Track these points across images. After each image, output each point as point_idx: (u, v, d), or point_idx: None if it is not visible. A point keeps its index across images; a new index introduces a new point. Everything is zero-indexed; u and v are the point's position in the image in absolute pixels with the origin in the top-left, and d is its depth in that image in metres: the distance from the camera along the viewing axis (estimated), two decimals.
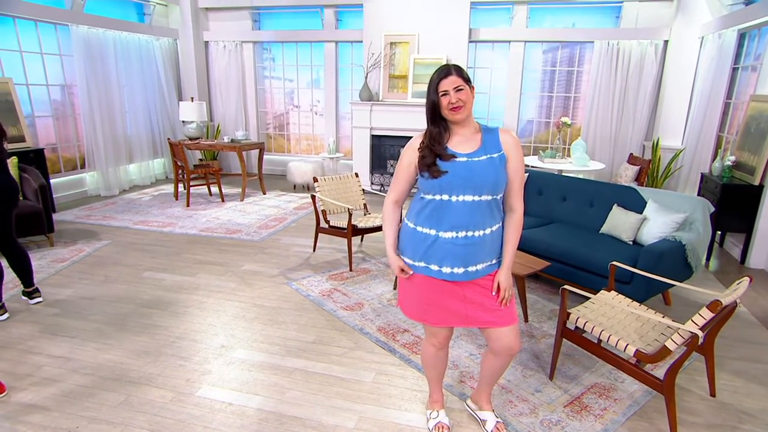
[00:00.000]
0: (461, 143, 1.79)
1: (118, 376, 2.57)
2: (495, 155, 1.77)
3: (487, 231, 1.80)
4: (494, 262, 1.88)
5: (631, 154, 5.77)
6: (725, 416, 2.37)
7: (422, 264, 1.85)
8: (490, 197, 1.77)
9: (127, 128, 7.02)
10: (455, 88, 1.73)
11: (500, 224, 1.86)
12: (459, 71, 1.75)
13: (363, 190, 4.76)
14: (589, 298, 2.71)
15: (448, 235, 1.78)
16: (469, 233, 1.77)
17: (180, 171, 6.35)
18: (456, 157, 1.75)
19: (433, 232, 1.81)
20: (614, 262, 2.80)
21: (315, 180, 4.46)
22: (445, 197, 1.76)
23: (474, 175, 1.73)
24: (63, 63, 6.16)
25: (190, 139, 6.57)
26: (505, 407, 2.36)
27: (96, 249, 4.50)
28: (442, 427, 2.16)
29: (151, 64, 7.31)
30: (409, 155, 1.84)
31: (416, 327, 3.13)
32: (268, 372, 2.61)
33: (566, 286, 2.50)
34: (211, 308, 3.35)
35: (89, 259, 4.24)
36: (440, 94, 1.74)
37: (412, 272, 1.88)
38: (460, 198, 1.75)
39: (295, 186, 7.38)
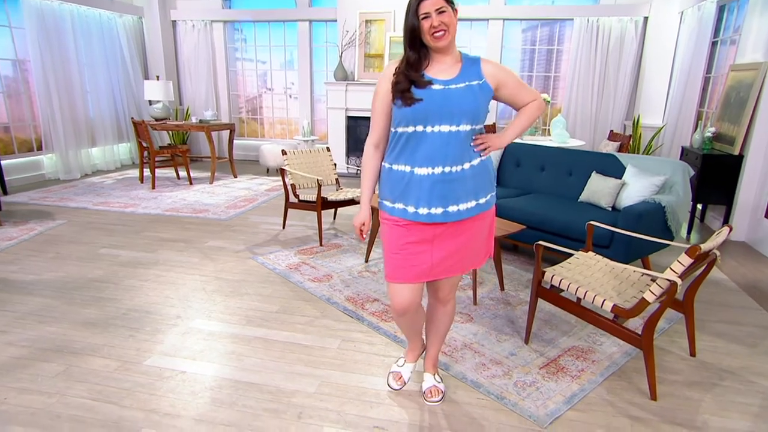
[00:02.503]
0: (440, 71, 1.67)
1: (59, 347, 2.40)
2: (474, 83, 1.66)
3: (467, 166, 1.68)
4: (480, 202, 1.74)
5: (612, 130, 5.75)
6: (706, 374, 2.32)
7: (400, 206, 1.73)
8: (468, 127, 1.65)
9: (88, 109, 6.76)
10: (437, 10, 1.59)
11: (482, 159, 1.74)
12: None
13: (335, 164, 4.64)
14: (566, 259, 2.63)
15: (424, 171, 1.66)
16: (447, 168, 1.65)
17: (145, 153, 6.13)
18: (432, 84, 1.63)
19: (408, 168, 1.68)
20: (592, 222, 2.73)
21: (284, 153, 4.32)
22: (420, 128, 1.64)
23: (450, 103, 1.61)
24: (14, 36, 5.88)
25: (156, 119, 6.35)
26: (478, 370, 2.28)
27: (49, 228, 4.29)
28: (397, 377, 2.11)
29: (114, 42, 7.06)
30: (385, 84, 1.70)
31: (386, 296, 3.03)
32: (226, 341, 2.50)
33: (541, 242, 2.41)
34: (169, 282, 3.21)
35: (40, 238, 4.04)
36: (420, 17, 1.61)
37: (365, 237, 1.80)
38: (436, 128, 1.63)
39: (268, 170, 7.22)
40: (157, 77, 6.49)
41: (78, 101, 6.46)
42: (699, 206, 4.82)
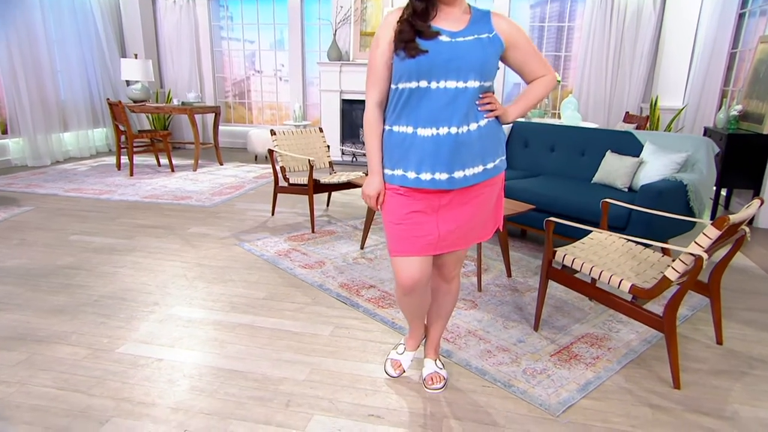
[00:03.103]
0: (448, 22, 1.62)
1: (22, 335, 2.36)
2: (484, 36, 1.62)
3: (473, 127, 1.63)
4: (488, 167, 1.69)
5: (627, 112, 5.72)
6: (734, 363, 2.29)
7: (399, 172, 1.69)
8: (477, 83, 1.60)
9: (59, 90, 6.70)
10: None
11: (490, 120, 1.69)
12: None
13: (328, 146, 4.60)
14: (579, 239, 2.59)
15: (427, 132, 1.61)
16: (453, 129, 1.60)
17: (122, 137, 6.08)
18: (440, 35, 1.59)
19: (410, 129, 1.64)
20: (607, 200, 2.70)
21: (273, 133, 4.28)
22: (423, 84, 1.59)
23: (458, 57, 1.57)
24: None
25: (135, 101, 6.30)
26: (483, 357, 2.24)
27: (14, 215, 4.24)
28: (396, 365, 2.09)
29: (88, 17, 7.00)
30: (386, 33, 1.64)
31: (383, 282, 3.01)
32: (208, 328, 2.46)
33: (552, 218, 2.37)
34: (146, 268, 3.17)
35: (4, 224, 3.99)
36: None
37: (379, 207, 1.77)
38: (441, 84, 1.58)
39: (256, 157, 7.17)
40: (135, 55, 6.43)
41: (47, 82, 6.39)
42: (723, 192, 4.79)
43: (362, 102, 6.84)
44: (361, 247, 3.59)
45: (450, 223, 1.73)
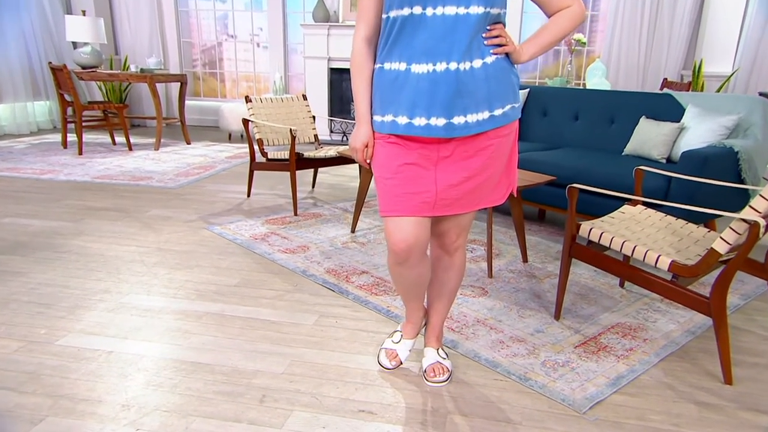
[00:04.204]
0: None
1: None
2: None
3: (478, 64, 1.58)
4: (496, 114, 1.64)
5: (665, 79, 5.70)
6: None
7: (389, 117, 1.65)
8: (482, 9, 1.56)
9: None
10: None
11: (500, 58, 1.65)
12: None
13: (313, 117, 4.56)
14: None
15: (423, 68, 1.57)
16: (453, 65, 1.56)
17: (69, 110, 6.02)
18: None
19: (402, 66, 1.60)
20: (641, 167, 2.66)
21: (247, 100, 4.23)
22: (418, 10, 1.55)
23: None
24: None
25: (84, 67, 6.24)
26: (494, 348, 2.22)
27: None
28: (392, 355, 2.06)
29: None
30: None
31: (378, 268, 2.99)
32: (168, 317, 2.43)
33: (575, 185, 2.34)
34: (96, 253, 3.13)
35: None
36: None
37: (368, 161, 1.76)
38: (438, 11, 1.54)
39: (230, 135, 7.14)
40: (83, 12, 6.37)
41: None
42: None
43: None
44: (352, 231, 3.56)
45: (450, 179, 1.68)
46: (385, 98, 1.66)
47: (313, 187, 4.72)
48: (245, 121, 4.11)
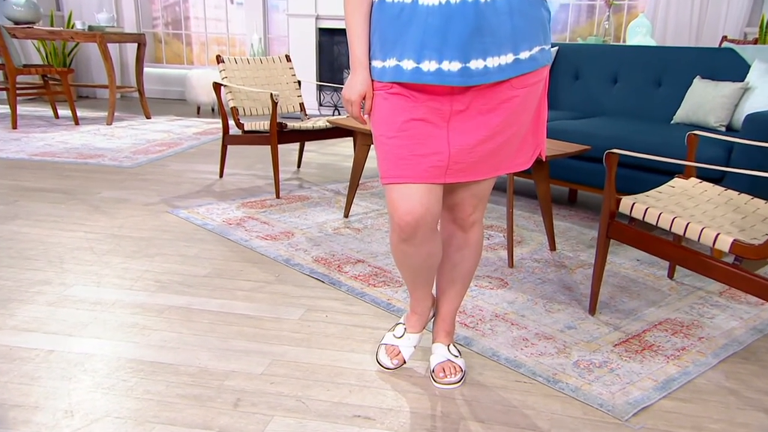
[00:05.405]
0: None
1: None
2: None
3: None
4: (522, 57, 1.60)
5: (725, 36, 5.68)
6: None
7: (392, 63, 1.61)
8: None
9: None
10: None
11: None
12: None
13: (298, 82, 4.54)
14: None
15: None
16: None
17: (0, 74, 6.01)
18: None
19: None
20: (695, 132, 2.63)
21: (219, 60, 4.21)
22: None
23: None
24: None
25: (16, 23, 6.20)
26: (516, 345, 2.22)
27: None
28: (393, 352, 2.05)
29: None
30: None
31: (376, 256, 3.01)
32: (123, 311, 2.44)
33: (615, 150, 2.31)
34: (34, 239, 3.16)
35: None
36: None
37: (366, 117, 1.73)
38: None
39: (199, 109, 7.13)
40: None
41: None
42: None
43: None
44: (345, 216, 3.56)
45: (466, 138, 1.65)
46: (387, 38, 1.62)
47: (299, 166, 4.73)
48: (216, 86, 4.08)
